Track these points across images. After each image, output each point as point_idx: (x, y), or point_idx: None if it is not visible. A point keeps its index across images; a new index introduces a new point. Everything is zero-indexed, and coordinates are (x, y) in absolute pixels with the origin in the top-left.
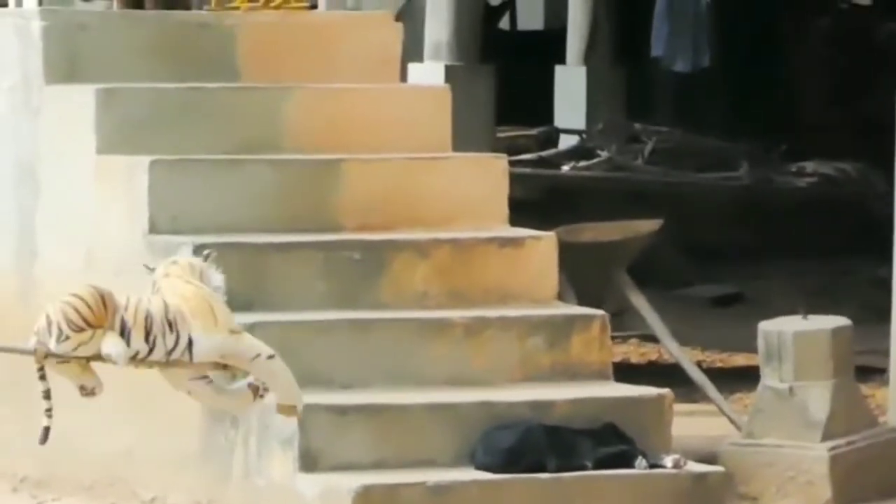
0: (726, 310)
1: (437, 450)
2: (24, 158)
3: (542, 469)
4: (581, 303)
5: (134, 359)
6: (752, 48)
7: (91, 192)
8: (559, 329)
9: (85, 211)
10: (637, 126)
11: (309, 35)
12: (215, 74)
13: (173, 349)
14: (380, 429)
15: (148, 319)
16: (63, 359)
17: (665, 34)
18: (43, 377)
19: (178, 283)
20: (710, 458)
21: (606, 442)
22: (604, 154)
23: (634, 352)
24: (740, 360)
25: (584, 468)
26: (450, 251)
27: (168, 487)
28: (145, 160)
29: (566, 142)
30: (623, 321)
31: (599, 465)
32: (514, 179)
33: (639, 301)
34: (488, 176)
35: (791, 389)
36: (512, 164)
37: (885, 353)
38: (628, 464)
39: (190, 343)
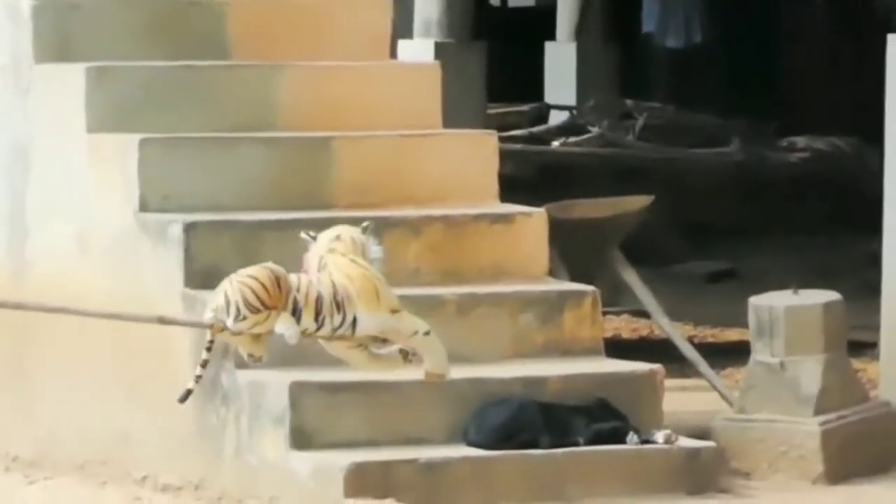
0: (719, 286)
1: (430, 427)
2: (15, 139)
3: (535, 446)
4: (573, 279)
5: (303, 334)
6: (744, 23)
7: (82, 171)
8: (551, 305)
9: (76, 190)
10: (628, 102)
11: (299, 13)
12: (206, 53)
13: (339, 327)
14: (372, 406)
15: (318, 301)
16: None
17: (657, 10)
18: (209, 349)
19: (344, 262)
20: (702, 434)
21: (599, 418)
22: (594, 130)
23: (626, 327)
24: (732, 335)
25: (576, 444)
26: (441, 228)
27: (160, 467)
28: (136, 139)
29: (557, 118)
30: (616, 297)
31: (592, 441)
32: (505, 156)
33: (630, 277)
34: (479, 153)
35: (782, 364)
36: (503, 140)
37: (877, 328)
38: (620, 440)
39: (354, 321)
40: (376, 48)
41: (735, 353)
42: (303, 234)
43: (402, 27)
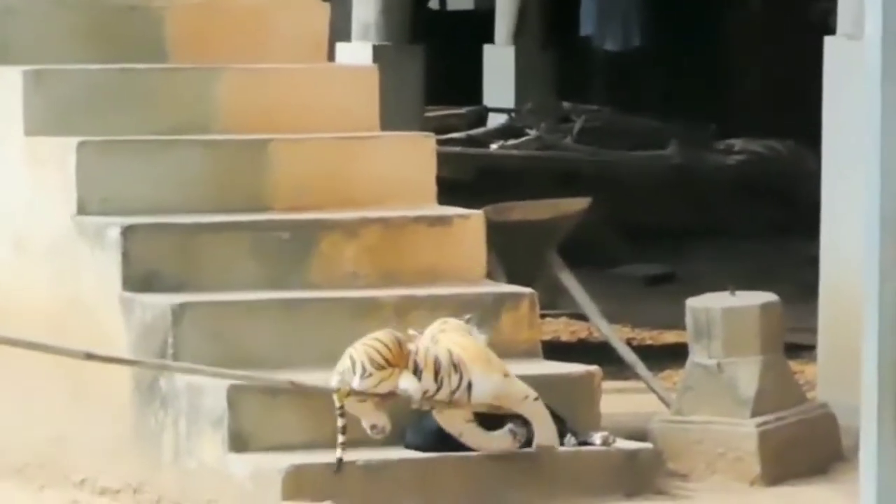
0: (658, 288)
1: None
2: None
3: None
4: (511, 281)
5: (423, 396)
6: (682, 27)
7: (20, 174)
8: (488, 308)
9: (13, 194)
10: (566, 105)
11: (237, 17)
12: (145, 57)
13: (456, 389)
14: (311, 409)
15: (437, 362)
16: (362, 397)
17: (594, 13)
18: (342, 415)
19: (456, 336)
20: (639, 436)
21: None
22: (532, 133)
23: (565, 330)
24: (671, 337)
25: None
26: (379, 231)
27: (99, 470)
28: (74, 142)
29: (495, 121)
30: (554, 299)
31: (529, 443)
32: (444, 158)
33: (568, 280)
34: (417, 155)
35: (720, 366)
36: (441, 143)
37: (816, 331)
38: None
39: (470, 385)
40: (314, 51)
41: (674, 356)
42: (411, 331)
43: (341, 30)
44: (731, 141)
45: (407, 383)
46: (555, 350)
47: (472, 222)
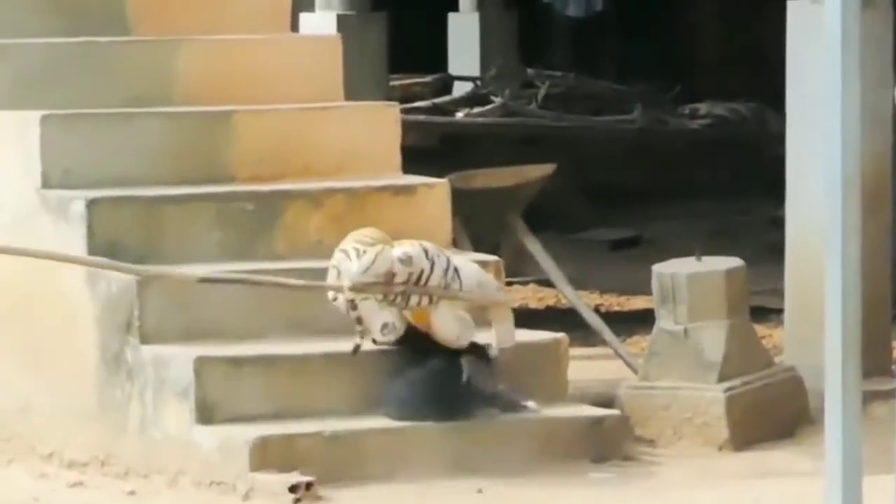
0: (624, 253)
1: (336, 400)
2: None
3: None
4: (476, 249)
5: (419, 281)
6: None
7: None
8: None
9: None
10: (530, 71)
11: None
12: (106, 29)
13: (447, 270)
14: (276, 379)
15: (423, 245)
16: (364, 294)
17: None
18: (354, 308)
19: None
20: (607, 402)
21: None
22: (497, 100)
23: (533, 297)
24: (638, 303)
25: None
26: (343, 200)
27: (65, 442)
28: (37, 115)
29: (461, 89)
30: (520, 266)
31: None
32: (409, 127)
33: (533, 246)
34: (381, 125)
35: (686, 331)
36: (406, 111)
37: (783, 294)
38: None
39: (456, 270)
40: (276, 21)
41: (641, 321)
42: None
43: (304, 0)
44: (696, 105)
45: (402, 249)
46: (523, 317)
47: (436, 191)
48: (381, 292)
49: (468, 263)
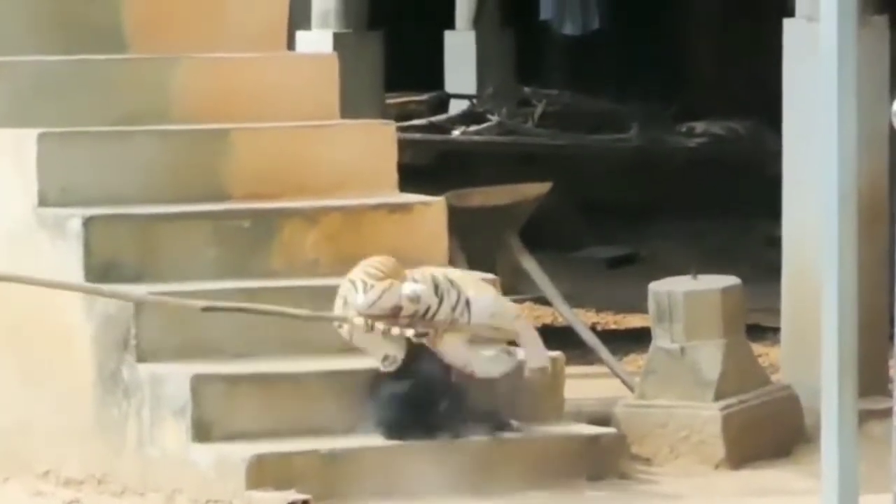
0: (621, 271)
1: (331, 418)
2: None
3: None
4: (472, 267)
5: (425, 316)
6: (641, 9)
7: None
8: None
9: None
10: (527, 90)
11: (196, 4)
12: (103, 46)
13: (456, 305)
14: (273, 398)
15: (434, 278)
16: (367, 327)
17: None
18: (372, 328)
19: (443, 269)
20: (603, 420)
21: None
22: (494, 118)
23: (529, 315)
24: (635, 321)
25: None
26: (339, 218)
27: (62, 460)
28: (34, 133)
29: (457, 107)
30: (516, 284)
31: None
32: (405, 145)
33: (529, 264)
34: (376, 142)
35: (682, 350)
36: (403, 129)
37: (780, 312)
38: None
39: (468, 302)
40: (273, 39)
41: (638, 339)
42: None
43: (301, 18)
44: (693, 123)
45: (411, 287)
46: None
47: (432, 209)
48: (386, 324)
49: (484, 294)
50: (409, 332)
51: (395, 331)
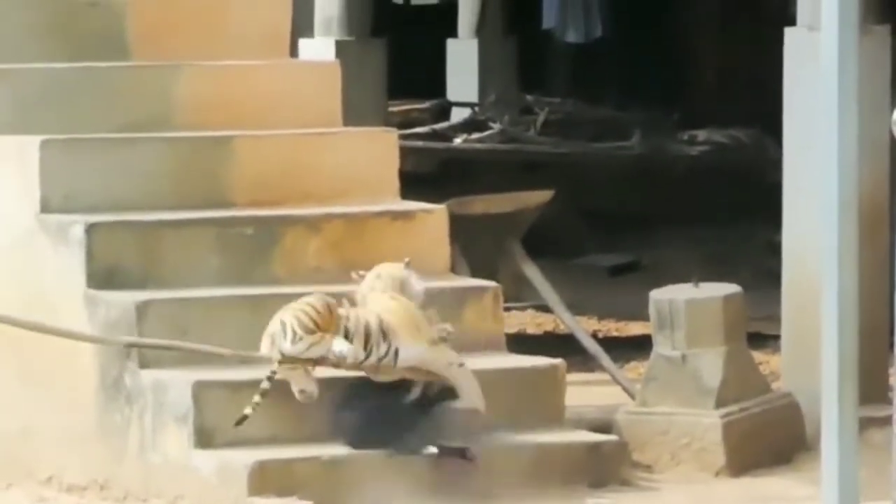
0: (623, 279)
1: (332, 425)
2: None
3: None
4: (474, 274)
5: (353, 363)
6: (643, 17)
7: None
8: (452, 301)
9: None
10: (529, 98)
11: (199, 12)
12: (106, 53)
13: (384, 357)
14: (275, 404)
15: (367, 329)
16: (293, 364)
17: (556, 5)
18: (271, 379)
19: (384, 298)
20: (604, 428)
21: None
22: (496, 126)
23: (531, 322)
24: (636, 328)
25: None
26: (342, 225)
27: (64, 466)
28: (36, 140)
29: (459, 115)
30: (518, 291)
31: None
32: (408, 153)
33: (531, 272)
34: (378, 150)
35: (683, 357)
36: (405, 137)
37: (780, 320)
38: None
39: (396, 353)
40: (276, 47)
41: (639, 347)
42: (353, 275)
43: (304, 26)
44: (695, 131)
45: (340, 346)
46: (521, 342)
47: (435, 216)
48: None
49: (416, 345)
50: (342, 345)
51: (316, 372)
